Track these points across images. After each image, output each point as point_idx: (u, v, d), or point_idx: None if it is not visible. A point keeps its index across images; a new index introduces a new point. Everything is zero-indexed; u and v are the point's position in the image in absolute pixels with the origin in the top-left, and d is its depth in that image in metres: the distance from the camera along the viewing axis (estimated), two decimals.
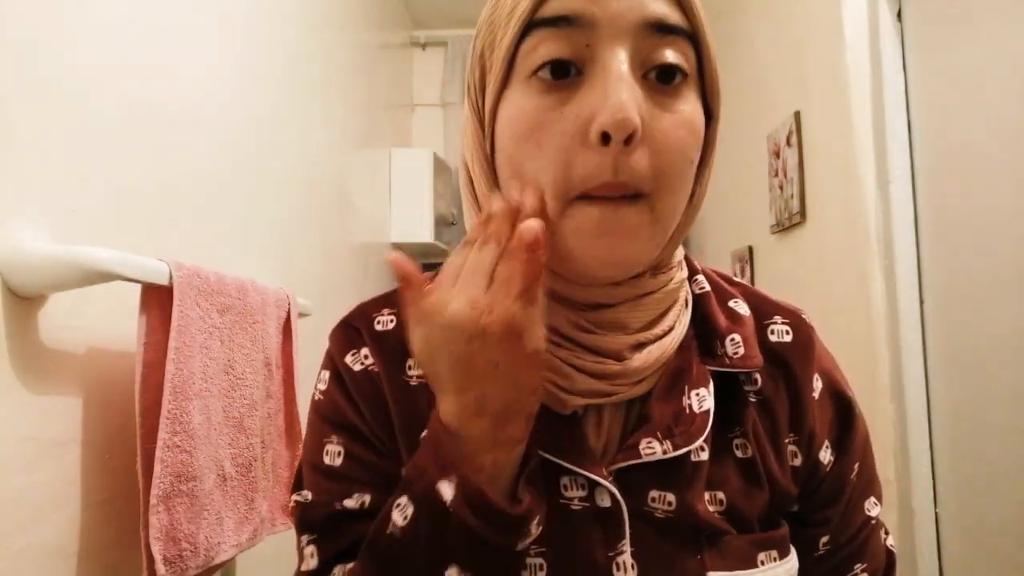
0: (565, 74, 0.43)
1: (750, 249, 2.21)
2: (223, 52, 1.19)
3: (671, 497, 0.47)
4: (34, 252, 0.69)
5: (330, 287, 1.77)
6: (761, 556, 0.48)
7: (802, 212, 1.77)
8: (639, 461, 0.47)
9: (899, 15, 1.49)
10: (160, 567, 0.77)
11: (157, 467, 0.78)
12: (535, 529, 0.43)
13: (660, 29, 0.43)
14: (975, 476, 1.29)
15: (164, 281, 0.80)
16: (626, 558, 0.46)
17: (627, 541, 0.46)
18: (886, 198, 1.46)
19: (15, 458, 0.69)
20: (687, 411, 0.48)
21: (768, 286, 2.13)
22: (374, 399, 0.52)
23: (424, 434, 0.45)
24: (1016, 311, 1.17)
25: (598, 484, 0.47)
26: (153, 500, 0.77)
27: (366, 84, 2.29)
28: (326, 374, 0.55)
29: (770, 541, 0.49)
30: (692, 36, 0.45)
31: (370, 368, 0.53)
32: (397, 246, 2.65)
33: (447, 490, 0.41)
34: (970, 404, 1.30)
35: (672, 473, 0.48)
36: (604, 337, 0.48)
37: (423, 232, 2.58)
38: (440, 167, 2.70)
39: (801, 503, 0.53)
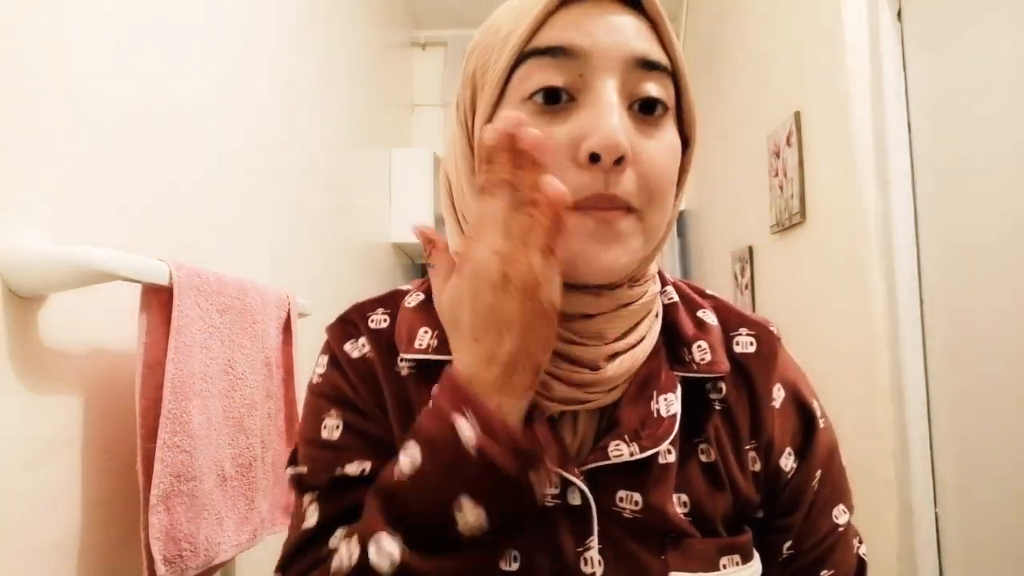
0: (556, 100, 0.47)
1: (750, 249, 2.21)
2: (223, 52, 1.19)
3: (637, 497, 0.50)
4: (34, 252, 0.69)
5: (330, 287, 1.77)
6: (723, 560, 0.51)
7: (802, 212, 1.77)
8: (607, 463, 0.49)
9: (899, 15, 1.49)
10: (160, 567, 0.77)
11: (157, 467, 0.78)
12: (545, 473, 0.44)
13: (644, 65, 0.47)
14: (975, 476, 1.29)
15: (164, 281, 0.80)
16: (593, 554, 0.48)
17: (595, 538, 0.49)
18: (886, 198, 1.46)
19: (15, 458, 0.69)
20: (655, 415, 0.51)
21: (768, 286, 2.13)
22: (371, 382, 0.54)
23: (434, 389, 0.46)
24: (1016, 311, 1.17)
25: (570, 483, 0.49)
26: (153, 500, 0.77)
27: (366, 84, 2.29)
28: (324, 359, 0.57)
29: (733, 546, 0.51)
30: (672, 73, 0.49)
31: (367, 356, 0.55)
32: (397, 246, 2.65)
33: (465, 426, 0.41)
34: (970, 404, 1.30)
35: (639, 475, 0.50)
36: (584, 348, 0.50)
37: None
38: (440, 167, 2.70)
39: (764, 509, 0.55)
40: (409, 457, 0.43)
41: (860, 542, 0.59)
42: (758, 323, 0.58)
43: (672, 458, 0.51)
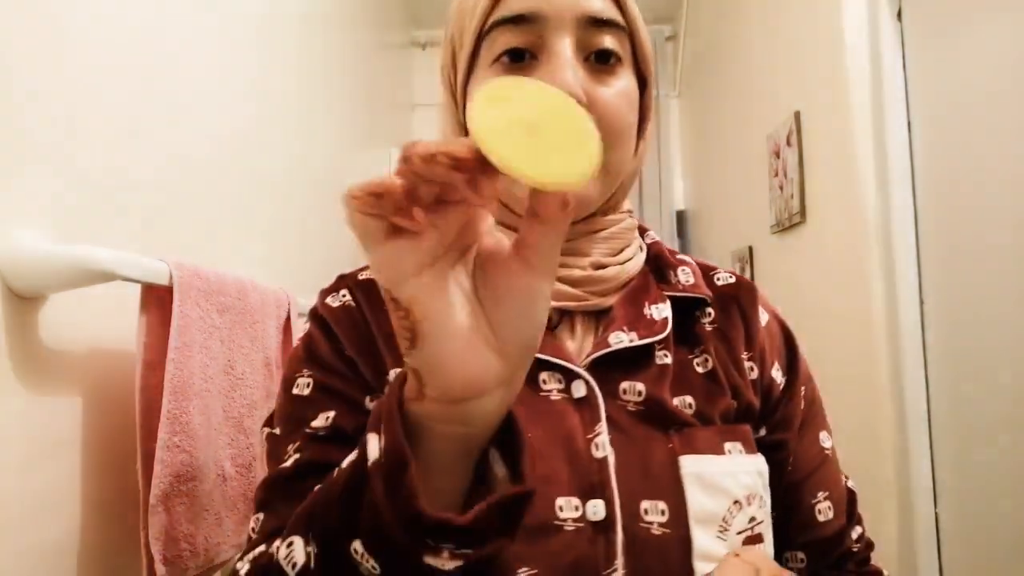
0: (521, 59, 0.52)
1: (750, 249, 2.21)
2: (223, 52, 1.19)
3: (640, 387, 0.53)
4: (34, 252, 0.69)
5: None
6: (727, 445, 0.53)
7: (802, 212, 1.77)
8: (608, 350, 0.52)
9: (899, 15, 1.49)
10: (160, 567, 0.77)
11: (157, 467, 0.78)
12: (448, 559, 0.34)
13: (597, 22, 0.52)
14: (975, 476, 1.29)
15: (164, 281, 0.80)
16: (603, 439, 0.50)
17: (603, 423, 0.51)
18: (886, 198, 1.46)
19: (15, 458, 0.69)
20: (648, 317, 0.55)
21: (768, 286, 2.13)
22: (353, 324, 0.56)
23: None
24: (1016, 311, 1.17)
25: (573, 378, 0.52)
26: (153, 500, 0.77)
27: (366, 84, 2.29)
28: (308, 324, 0.59)
29: (733, 432, 0.54)
30: (625, 27, 0.54)
31: (347, 303, 0.57)
32: None
33: (373, 446, 0.35)
34: (970, 404, 1.30)
35: (640, 366, 0.54)
36: (569, 259, 0.55)
37: None
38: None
39: (765, 423, 0.58)
40: (348, 457, 0.39)
41: (847, 477, 0.63)
42: (733, 271, 0.64)
43: (668, 360, 0.55)
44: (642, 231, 0.64)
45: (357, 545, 0.36)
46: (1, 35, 0.69)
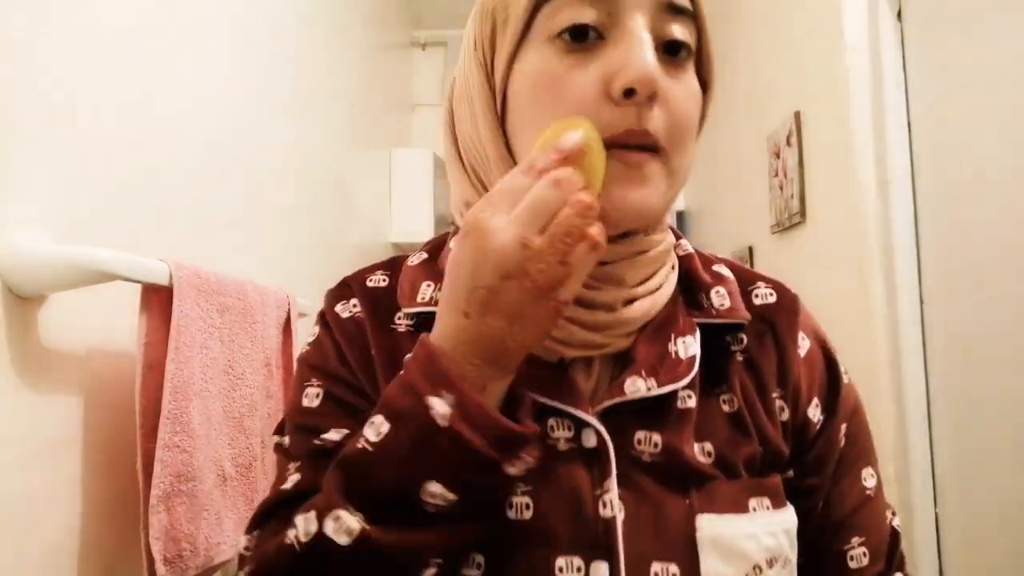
0: (584, 38, 0.46)
1: (750, 249, 2.21)
2: (223, 52, 1.19)
3: (656, 438, 0.48)
4: (34, 252, 0.69)
5: (330, 287, 1.76)
6: (752, 502, 0.48)
7: (802, 212, 1.77)
8: (623, 399, 0.48)
9: (899, 15, 1.49)
10: (160, 567, 0.77)
11: (157, 467, 0.78)
12: (529, 457, 0.42)
13: (672, 8, 0.47)
14: (975, 476, 1.29)
15: (164, 281, 0.80)
16: (612, 496, 0.46)
17: (613, 479, 0.46)
18: (886, 198, 1.46)
19: (15, 458, 0.69)
20: (672, 356, 0.50)
21: None
22: (359, 343, 0.54)
23: (406, 359, 0.44)
24: (1016, 311, 1.17)
25: (584, 425, 0.48)
26: (153, 500, 0.77)
27: (366, 84, 2.29)
28: (317, 328, 0.57)
29: (760, 487, 0.49)
30: (695, 18, 0.49)
31: (356, 315, 0.55)
32: (397, 246, 2.65)
33: (440, 405, 0.40)
34: (970, 404, 1.30)
35: (658, 415, 0.48)
36: (601, 292, 0.49)
37: (423, 232, 2.58)
38: (440, 167, 2.70)
39: (794, 465, 0.53)
40: (375, 430, 0.42)
41: (893, 513, 0.57)
42: (774, 280, 0.58)
43: (692, 403, 0.49)
44: (676, 236, 0.59)
45: (434, 487, 0.40)
46: (2, 35, 0.69)
